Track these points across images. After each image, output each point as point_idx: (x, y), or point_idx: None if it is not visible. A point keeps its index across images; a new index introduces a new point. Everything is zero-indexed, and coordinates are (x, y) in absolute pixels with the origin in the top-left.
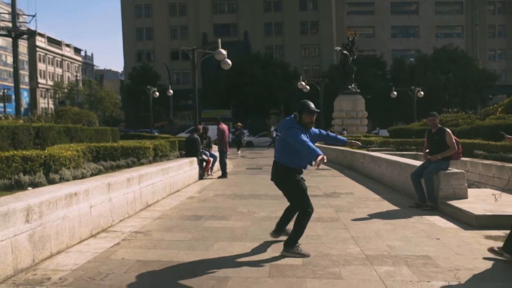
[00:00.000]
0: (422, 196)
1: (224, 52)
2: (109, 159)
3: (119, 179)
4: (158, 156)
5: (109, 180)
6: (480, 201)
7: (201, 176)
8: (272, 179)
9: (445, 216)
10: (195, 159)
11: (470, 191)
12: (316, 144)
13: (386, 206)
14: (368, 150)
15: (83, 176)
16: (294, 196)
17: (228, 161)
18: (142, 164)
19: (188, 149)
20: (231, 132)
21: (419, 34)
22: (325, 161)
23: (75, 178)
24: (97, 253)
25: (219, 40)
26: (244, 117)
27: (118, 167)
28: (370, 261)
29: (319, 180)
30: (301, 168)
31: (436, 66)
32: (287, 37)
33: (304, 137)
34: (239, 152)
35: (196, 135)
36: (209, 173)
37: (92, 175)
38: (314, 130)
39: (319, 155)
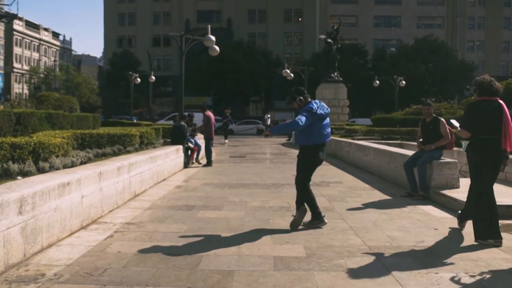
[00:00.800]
0: (414, 186)
1: (213, 38)
2: (95, 147)
3: (109, 168)
4: (144, 144)
5: (101, 169)
6: None
7: (186, 165)
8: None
9: (438, 206)
10: (181, 147)
11: (461, 181)
12: None
13: (378, 195)
14: (353, 139)
15: (73, 165)
16: None
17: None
18: (128, 152)
19: (174, 137)
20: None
21: (401, 24)
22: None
23: (65, 166)
24: (91, 246)
25: (209, 26)
26: (225, 105)
27: (104, 155)
28: (373, 252)
29: None
30: None
31: (416, 56)
32: (271, 24)
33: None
34: (226, 140)
35: (182, 122)
36: (194, 161)
37: (81, 163)
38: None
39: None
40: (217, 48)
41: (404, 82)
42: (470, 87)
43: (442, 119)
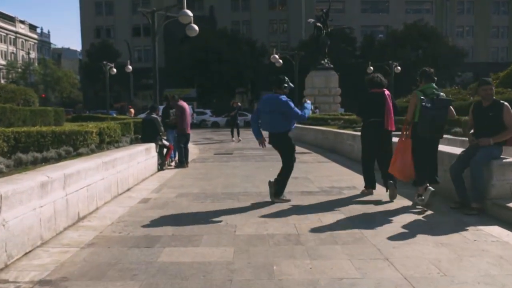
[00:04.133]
0: (465, 195)
1: (190, 13)
2: (34, 150)
3: (24, 186)
4: (105, 142)
5: (3, 190)
6: None
7: (161, 167)
8: None
9: (507, 226)
10: (153, 145)
11: None
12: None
13: None
14: (355, 131)
15: None
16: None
17: (193, 146)
18: (80, 154)
19: (145, 133)
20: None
21: (389, 9)
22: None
23: None
24: None
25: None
26: (209, 97)
27: (45, 161)
28: None
29: (305, 168)
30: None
31: (406, 42)
32: (255, 12)
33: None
34: (240, 138)
35: (154, 115)
36: (171, 162)
37: None
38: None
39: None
40: (195, 27)
41: (399, 68)
42: (461, 74)
43: (507, 104)
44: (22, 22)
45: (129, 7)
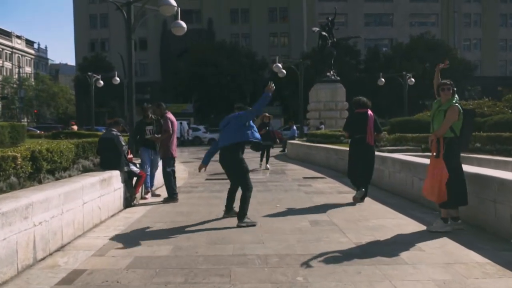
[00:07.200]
0: None
1: (173, 3)
2: None
3: None
4: (42, 171)
5: None
6: None
7: (128, 202)
8: None
9: None
10: (115, 174)
11: None
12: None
13: None
14: (379, 151)
15: None
16: None
17: (183, 168)
18: None
19: (104, 157)
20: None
21: (393, 22)
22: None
23: None
24: None
25: None
26: (207, 112)
27: None
28: None
29: (322, 203)
30: None
31: (412, 55)
32: (255, 24)
33: None
34: (267, 165)
35: (115, 132)
36: (146, 195)
37: None
38: None
39: None
40: (183, 24)
41: (413, 79)
42: (471, 88)
43: None
44: (18, 37)
45: (124, 19)
